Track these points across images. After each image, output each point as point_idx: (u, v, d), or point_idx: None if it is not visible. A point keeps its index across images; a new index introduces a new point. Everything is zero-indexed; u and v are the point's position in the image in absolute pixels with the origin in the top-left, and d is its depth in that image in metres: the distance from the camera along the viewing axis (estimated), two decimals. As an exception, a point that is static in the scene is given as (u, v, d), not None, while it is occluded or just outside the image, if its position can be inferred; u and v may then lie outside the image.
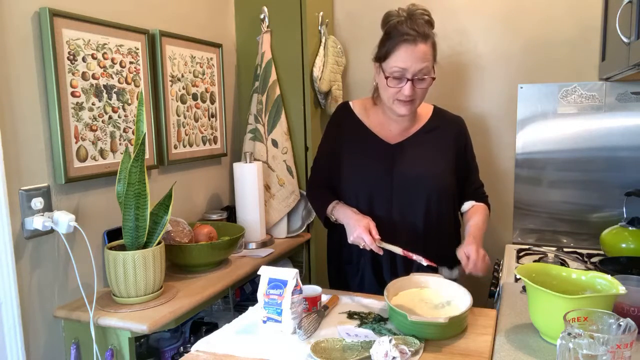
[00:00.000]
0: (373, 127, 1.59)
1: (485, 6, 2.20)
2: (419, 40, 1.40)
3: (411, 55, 1.40)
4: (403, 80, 1.42)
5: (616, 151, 2.04)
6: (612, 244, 1.77)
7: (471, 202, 1.62)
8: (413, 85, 1.43)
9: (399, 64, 1.41)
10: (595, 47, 2.03)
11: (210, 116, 2.13)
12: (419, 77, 1.43)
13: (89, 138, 1.55)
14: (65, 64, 1.46)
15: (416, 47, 1.40)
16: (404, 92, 1.43)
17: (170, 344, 1.70)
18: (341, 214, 1.53)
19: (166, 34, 1.85)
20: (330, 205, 1.57)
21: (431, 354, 1.11)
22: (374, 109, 1.61)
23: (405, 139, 1.57)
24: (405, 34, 1.40)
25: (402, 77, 1.42)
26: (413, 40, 1.40)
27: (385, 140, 1.57)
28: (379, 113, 1.60)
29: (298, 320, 1.22)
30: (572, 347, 0.87)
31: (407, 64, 1.40)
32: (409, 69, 1.41)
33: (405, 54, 1.41)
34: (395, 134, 1.57)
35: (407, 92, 1.42)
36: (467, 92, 2.27)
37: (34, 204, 1.39)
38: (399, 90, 1.44)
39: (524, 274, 1.17)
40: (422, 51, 1.41)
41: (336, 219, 1.56)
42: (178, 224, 1.74)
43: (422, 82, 1.44)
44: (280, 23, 2.19)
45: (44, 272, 1.45)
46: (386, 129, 1.58)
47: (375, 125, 1.59)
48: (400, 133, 1.58)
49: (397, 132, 1.58)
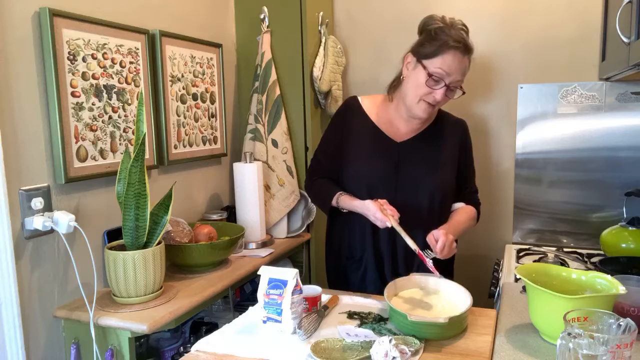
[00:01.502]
0: (380, 124, 1.59)
1: (485, 6, 2.20)
2: (466, 53, 1.44)
3: (457, 64, 1.43)
4: (440, 84, 1.44)
5: (616, 151, 2.04)
6: (612, 244, 1.76)
7: (461, 204, 1.63)
8: (446, 93, 1.45)
9: (444, 67, 1.42)
10: (595, 47, 2.03)
11: (210, 116, 2.13)
12: (454, 86, 1.45)
13: (89, 138, 1.55)
14: (65, 64, 1.46)
15: (463, 57, 1.44)
16: (436, 96, 1.44)
17: (170, 344, 1.70)
18: (349, 201, 1.52)
19: (166, 34, 1.85)
20: (336, 196, 1.56)
21: (431, 354, 1.11)
22: (383, 105, 1.61)
23: (410, 138, 1.57)
24: (456, 41, 1.42)
25: (441, 80, 1.44)
26: (462, 50, 1.43)
27: (391, 138, 1.57)
28: (388, 110, 1.60)
29: (298, 320, 1.22)
30: (572, 347, 0.87)
31: (451, 70, 1.42)
32: (450, 75, 1.43)
33: (452, 60, 1.42)
34: (402, 133, 1.58)
35: (439, 96, 1.44)
36: (467, 92, 2.26)
37: (34, 204, 1.39)
38: (432, 92, 1.45)
39: (524, 274, 1.17)
40: (465, 64, 1.45)
41: (344, 208, 1.55)
42: (178, 224, 1.74)
43: (453, 92, 1.47)
44: (280, 23, 2.19)
45: (44, 272, 1.45)
46: (394, 126, 1.58)
47: (382, 122, 1.59)
48: (407, 132, 1.58)
49: (404, 131, 1.58)
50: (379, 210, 1.39)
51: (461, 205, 1.63)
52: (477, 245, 2.30)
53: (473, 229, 1.67)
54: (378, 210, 1.39)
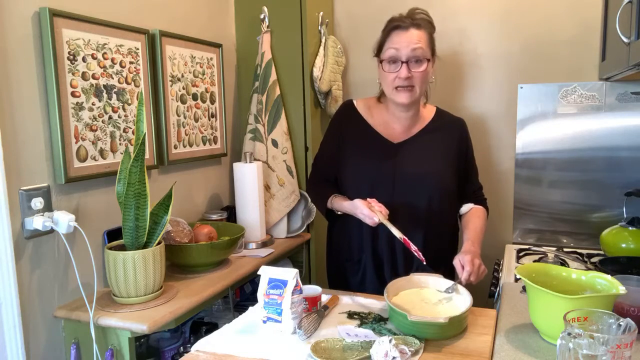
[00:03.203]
0: (376, 126, 1.59)
1: (485, 6, 2.20)
2: (412, 27, 1.45)
3: (403, 38, 1.45)
4: (398, 64, 1.45)
5: (616, 151, 2.04)
6: (612, 244, 1.77)
7: (470, 205, 1.63)
8: (409, 68, 1.45)
9: (392, 46, 1.45)
10: (595, 47, 2.03)
11: (210, 116, 2.13)
12: (415, 60, 1.45)
13: (89, 138, 1.55)
14: (65, 64, 1.46)
15: (408, 31, 1.45)
16: (401, 75, 1.45)
17: (170, 344, 1.70)
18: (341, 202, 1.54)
19: (166, 34, 1.85)
20: (330, 198, 1.58)
21: (431, 354, 1.11)
22: (378, 107, 1.62)
23: (408, 138, 1.57)
24: (397, 20, 1.46)
25: (397, 60, 1.45)
26: (405, 27, 1.45)
27: (388, 139, 1.57)
28: (382, 112, 1.60)
29: (298, 320, 1.22)
30: (572, 347, 0.87)
31: (400, 46, 1.44)
32: (401, 50, 1.44)
33: (397, 38, 1.45)
34: (399, 133, 1.58)
35: (403, 74, 1.45)
36: (467, 92, 2.27)
37: (34, 204, 1.39)
38: (396, 75, 1.46)
39: (524, 274, 1.17)
40: (414, 35, 1.45)
41: (337, 210, 1.57)
42: (178, 224, 1.74)
43: (418, 65, 1.46)
44: (280, 23, 2.19)
45: (44, 272, 1.45)
46: (389, 127, 1.59)
47: (378, 124, 1.59)
48: (404, 132, 1.58)
49: (401, 131, 1.58)
50: (366, 207, 1.39)
51: (470, 207, 1.62)
52: (477, 245, 2.30)
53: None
54: (365, 207, 1.39)
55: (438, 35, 1.53)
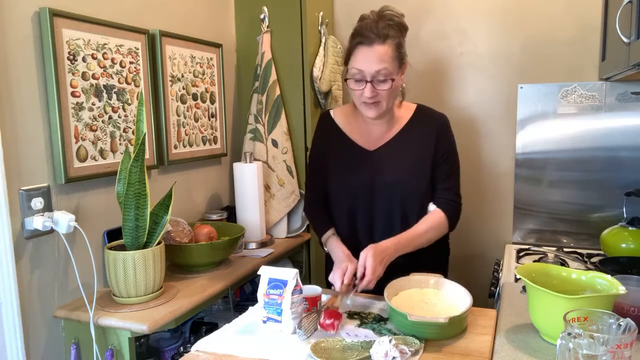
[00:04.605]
0: (353, 135, 1.57)
1: (485, 6, 2.20)
2: (376, 42, 1.38)
3: (366, 57, 1.39)
4: (363, 83, 1.41)
5: (616, 151, 2.04)
6: (612, 244, 1.76)
7: (432, 206, 1.53)
8: (373, 87, 1.41)
9: (356, 65, 1.41)
10: (595, 47, 2.03)
11: (210, 116, 2.13)
12: (379, 79, 1.40)
13: (89, 138, 1.55)
14: (65, 64, 1.46)
15: (371, 48, 1.39)
16: (365, 94, 1.42)
17: (170, 344, 1.70)
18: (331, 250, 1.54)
19: (166, 34, 1.85)
20: (326, 235, 1.57)
21: (431, 354, 1.11)
22: (354, 115, 1.59)
23: (383, 144, 1.54)
24: (362, 36, 1.40)
25: (362, 79, 1.41)
26: (369, 43, 1.39)
27: (364, 148, 1.55)
28: (359, 119, 1.58)
29: (298, 320, 1.21)
30: (572, 347, 0.87)
31: (364, 66, 1.39)
32: (365, 71, 1.39)
33: (360, 56, 1.40)
34: (375, 139, 1.55)
35: (367, 93, 1.41)
36: (467, 92, 2.27)
37: (34, 204, 1.39)
38: (361, 91, 1.43)
39: (524, 274, 1.17)
40: (378, 52, 1.39)
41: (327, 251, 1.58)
42: (178, 224, 1.74)
43: (383, 84, 1.41)
44: (280, 23, 2.19)
45: (44, 272, 1.45)
46: (366, 134, 1.56)
47: (355, 132, 1.57)
48: (380, 137, 1.55)
49: (377, 136, 1.55)
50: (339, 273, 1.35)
51: (432, 208, 1.53)
52: (477, 245, 2.30)
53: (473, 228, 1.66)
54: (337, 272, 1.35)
55: (438, 35, 1.53)
